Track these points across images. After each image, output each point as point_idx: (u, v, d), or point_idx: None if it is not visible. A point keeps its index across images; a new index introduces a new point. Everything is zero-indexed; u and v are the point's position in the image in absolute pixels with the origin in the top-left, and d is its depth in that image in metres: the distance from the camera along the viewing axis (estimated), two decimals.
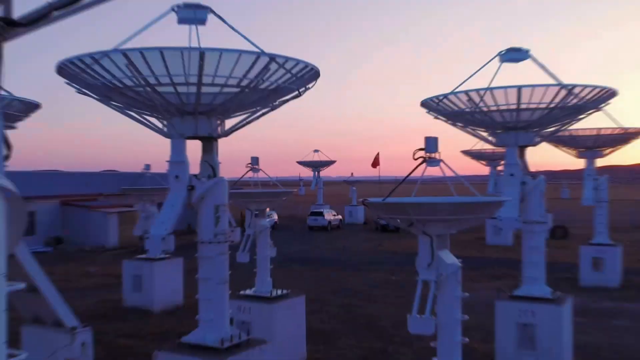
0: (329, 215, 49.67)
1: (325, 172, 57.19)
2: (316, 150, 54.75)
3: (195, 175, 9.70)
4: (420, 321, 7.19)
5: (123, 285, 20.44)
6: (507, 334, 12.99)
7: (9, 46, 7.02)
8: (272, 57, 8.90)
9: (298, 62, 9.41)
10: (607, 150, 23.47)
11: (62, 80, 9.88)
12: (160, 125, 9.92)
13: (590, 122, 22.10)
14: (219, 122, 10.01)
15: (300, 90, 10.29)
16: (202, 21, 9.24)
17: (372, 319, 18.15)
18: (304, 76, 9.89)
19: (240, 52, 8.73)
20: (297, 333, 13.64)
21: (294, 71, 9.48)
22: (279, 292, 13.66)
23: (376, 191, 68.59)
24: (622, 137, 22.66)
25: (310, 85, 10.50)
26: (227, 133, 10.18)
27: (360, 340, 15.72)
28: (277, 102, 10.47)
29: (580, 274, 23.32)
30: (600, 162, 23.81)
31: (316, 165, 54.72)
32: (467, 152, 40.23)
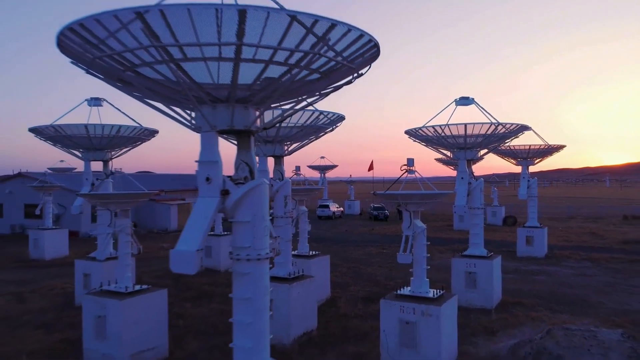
0: (333, 207, 53.49)
1: (329, 174, 60.89)
2: (322, 157, 58.48)
3: (272, 179, 13.89)
4: (404, 256, 11.35)
5: None
6: (459, 279, 17.07)
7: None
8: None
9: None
10: (537, 160, 27.55)
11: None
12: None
13: (525, 140, 26.39)
14: (287, 146, 14.19)
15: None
16: None
17: (371, 275, 22.29)
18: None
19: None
20: (325, 278, 17.74)
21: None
22: (313, 252, 17.83)
23: (370, 188, 72.44)
24: (547, 150, 26.75)
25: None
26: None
27: (364, 287, 19.85)
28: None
29: (517, 248, 27.41)
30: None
31: (322, 169, 58.09)
32: (439, 160, 44.40)
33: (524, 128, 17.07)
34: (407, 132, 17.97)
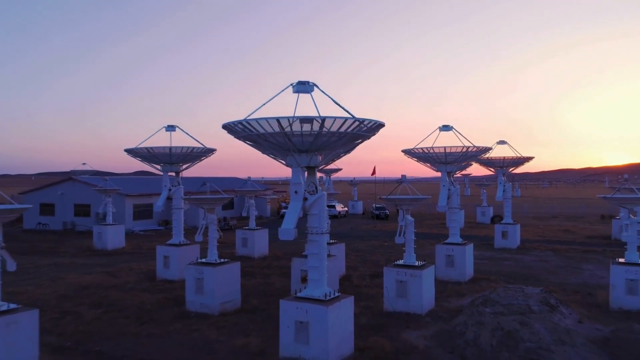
0: (339, 207, 59.84)
1: (334, 176, 67.17)
2: None
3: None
4: (399, 239, 17.72)
5: (236, 243, 31.06)
6: (441, 261, 23.42)
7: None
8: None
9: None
10: (511, 168, 33.99)
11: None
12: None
13: (502, 152, 32.78)
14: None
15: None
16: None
17: (375, 261, 28.63)
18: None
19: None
20: (342, 259, 24.11)
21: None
22: (332, 241, 24.20)
23: (372, 189, 78.33)
24: (519, 161, 33.16)
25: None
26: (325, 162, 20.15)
27: (370, 268, 26.15)
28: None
29: (494, 241, 33.84)
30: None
31: (327, 172, 64.31)
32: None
33: (489, 149, 23.51)
34: (403, 151, 24.38)
